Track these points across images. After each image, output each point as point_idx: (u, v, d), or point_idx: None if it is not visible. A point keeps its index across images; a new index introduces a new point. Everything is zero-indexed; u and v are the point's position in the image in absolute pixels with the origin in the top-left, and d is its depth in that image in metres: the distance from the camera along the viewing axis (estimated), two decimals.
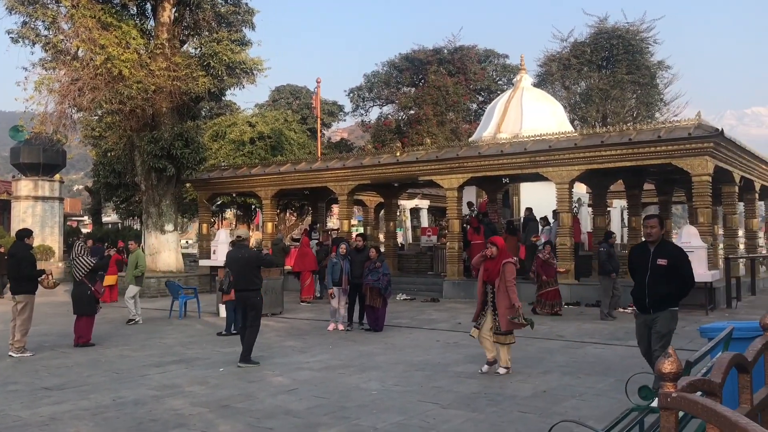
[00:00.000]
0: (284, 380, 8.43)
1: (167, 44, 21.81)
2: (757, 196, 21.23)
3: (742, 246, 22.23)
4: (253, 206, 33.75)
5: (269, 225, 23.57)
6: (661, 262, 6.67)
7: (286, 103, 43.75)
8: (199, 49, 23.05)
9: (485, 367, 8.73)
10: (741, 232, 22.22)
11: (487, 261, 8.81)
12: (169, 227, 23.41)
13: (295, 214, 37.27)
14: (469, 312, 15.37)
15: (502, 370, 8.56)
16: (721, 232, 21.39)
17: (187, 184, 26.22)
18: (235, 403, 7.24)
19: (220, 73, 22.03)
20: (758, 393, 3.63)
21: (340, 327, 12.93)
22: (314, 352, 10.48)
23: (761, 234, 24.97)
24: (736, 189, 18.36)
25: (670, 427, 2.35)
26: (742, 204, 21.52)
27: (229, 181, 24.41)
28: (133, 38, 20.99)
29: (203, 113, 35.73)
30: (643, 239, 7.07)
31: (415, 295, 19.09)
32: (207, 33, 23.14)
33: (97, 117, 28.13)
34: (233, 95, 74.11)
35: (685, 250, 14.96)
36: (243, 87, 23.67)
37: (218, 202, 32.52)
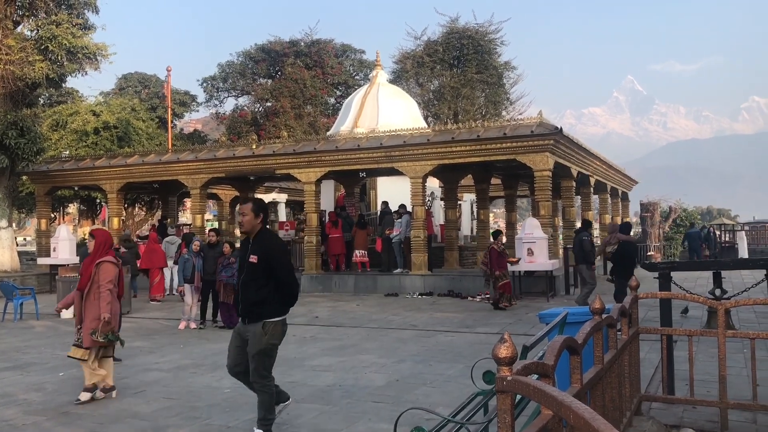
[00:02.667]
0: (131, 382, 8.03)
1: None
2: (592, 190, 22.96)
3: None
4: (98, 200, 31.83)
5: (115, 220, 22.35)
6: (252, 258, 5.51)
7: (134, 91, 41.62)
8: (35, 32, 21.38)
9: (84, 395, 7.05)
10: (578, 224, 23.89)
11: (85, 260, 7.43)
12: (2, 223, 21.62)
13: (144, 208, 35.55)
14: (328, 306, 15.48)
15: (84, 396, 7.03)
16: (560, 223, 22.88)
17: (24, 177, 24.28)
18: (77, 409, 6.81)
19: (59, 58, 20.58)
20: (587, 372, 3.91)
21: (192, 325, 12.53)
22: (164, 352, 10.08)
23: (596, 225, 27.00)
24: (574, 183, 19.75)
25: (506, 409, 2.46)
26: (579, 197, 23.17)
27: (70, 174, 22.85)
28: None
29: (41, 101, 33.24)
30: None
31: None
32: (44, 14, 21.50)
33: None
34: (75, 80, 69.40)
35: (525, 240, 15.90)
36: (86, 74, 22.30)
37: (66, 196, 30.34)
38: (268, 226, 5.84)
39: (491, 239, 15.15)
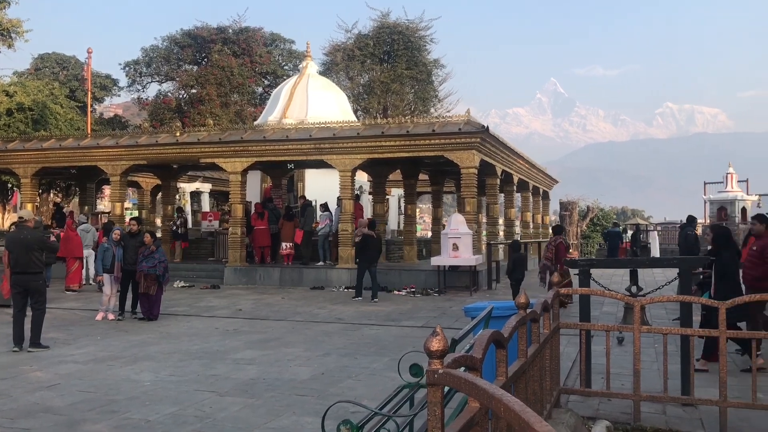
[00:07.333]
0: (44, 375, 7.70)
1: None
2: (515, 188, 23.51)
3: (501, 233, 24.46)
4: (10, 185, 30.31)
5: (29, 206, 21.31)
6: None
7: (52, 73, 39.78)
8: None
9: None
10: (501, 221, 24.44)
11: None
12: None
13: (60, 195, 34.11)
14: (251, 298, 15.29)
15: None
16: (484, 220, 23.32)
17: None
18: None
19: None
20: (512, 366, 4.01)
21: (111, 316, 12.13)
22: (80, 344, 9.72)
23: (518, 222, 27.65)
24: (498, 181, 20.17)
25: (437, 401, 2.49)
26: (502, 195, 23.68)
27: None
28: None
29: None
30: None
31: (194, 282, 18.46)
32: None
33: None
34: None
35: (451, 236, 16.11)
36: None
37: None
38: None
39: (552, 234, 14.08)
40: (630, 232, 32.54)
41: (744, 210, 33.31)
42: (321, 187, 21.68)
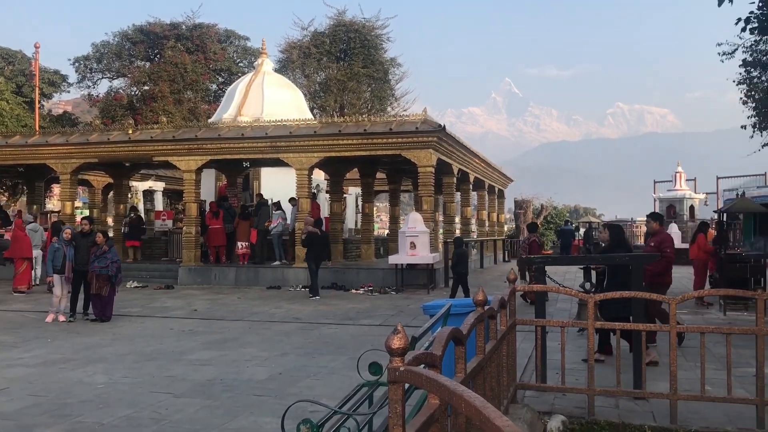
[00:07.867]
0: None
1: None
2: (471, 186, 23.73)
3: (458, 231, 24.67)
4: None
5: None
6: None
7: None
8: None
9: None
10: (457, 219, 24.67)
11: None
12: None
13: (6, 194, 33.12)
14: (207, 298, 15.09)
15: None
16: (441, 218, 23.46)
17: None
18: None
19: None
20: (471, 362, 4.05)
21: (61, 318, 11.84)
22: (30, 347, 9.46)
23: (473, 221, 27.92)
24: (455, 180, 20.33)
25: (398, 399, 2.50)
26: (459, 194, 23.89)
27: None
28: None
29: None
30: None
31: (147, 282, 18.14)
32: None
33: None
34: None
35: (409, 234, 16.15)
36: None
37: None
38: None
39: (527, 232, 14.81)
40: (582, 230, 33.19)
41: (692, 208, 34.23)
42: (277, 185, 21.50)
